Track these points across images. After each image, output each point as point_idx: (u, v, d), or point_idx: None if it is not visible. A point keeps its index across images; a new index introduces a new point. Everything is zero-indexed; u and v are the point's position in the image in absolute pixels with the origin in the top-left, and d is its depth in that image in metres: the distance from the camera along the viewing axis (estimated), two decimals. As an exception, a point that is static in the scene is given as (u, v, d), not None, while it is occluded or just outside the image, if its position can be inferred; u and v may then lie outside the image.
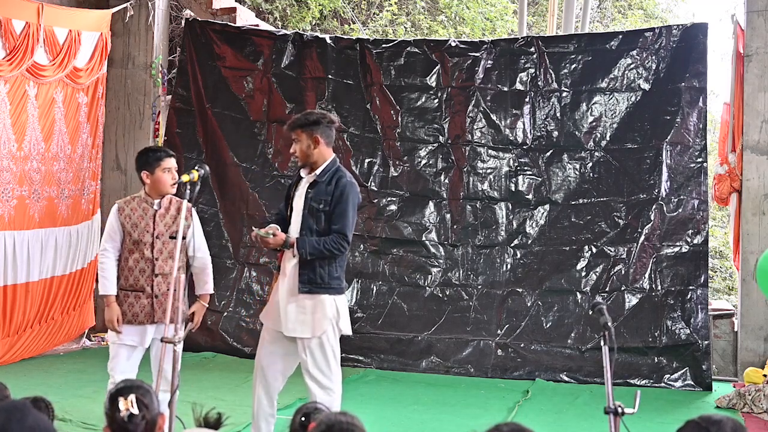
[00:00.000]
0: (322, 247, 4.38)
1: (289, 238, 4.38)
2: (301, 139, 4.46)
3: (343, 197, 4.43)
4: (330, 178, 4.46)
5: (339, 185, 4.44)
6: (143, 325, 4.51)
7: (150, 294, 4.52)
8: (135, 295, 4.52)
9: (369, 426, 5.68)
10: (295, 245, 4.36)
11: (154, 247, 4.53)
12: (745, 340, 7.39)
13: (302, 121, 4.49)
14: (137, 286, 4.52)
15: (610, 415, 2.67)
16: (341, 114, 8.23)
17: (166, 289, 4.49)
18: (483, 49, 8.06)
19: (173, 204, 4.63)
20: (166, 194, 4.59)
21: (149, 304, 4.52)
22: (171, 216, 4.59)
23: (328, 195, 4.42)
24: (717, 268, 12.96)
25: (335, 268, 4.48)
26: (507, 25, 15.94)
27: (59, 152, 7.72)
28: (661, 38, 7.69)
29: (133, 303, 4.52)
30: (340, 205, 4.43)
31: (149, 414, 2.48)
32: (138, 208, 4.57)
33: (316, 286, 4.41)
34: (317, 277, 4.40)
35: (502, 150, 7.97)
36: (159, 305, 4.51)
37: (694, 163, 7.52)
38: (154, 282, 4.52)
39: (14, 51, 6.98)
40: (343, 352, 7.61)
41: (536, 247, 7.77)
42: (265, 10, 13.39)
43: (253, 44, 8.43)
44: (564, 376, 7.31)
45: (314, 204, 4.42)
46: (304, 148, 4.45)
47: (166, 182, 4.54)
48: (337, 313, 4.45)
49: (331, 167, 4.50)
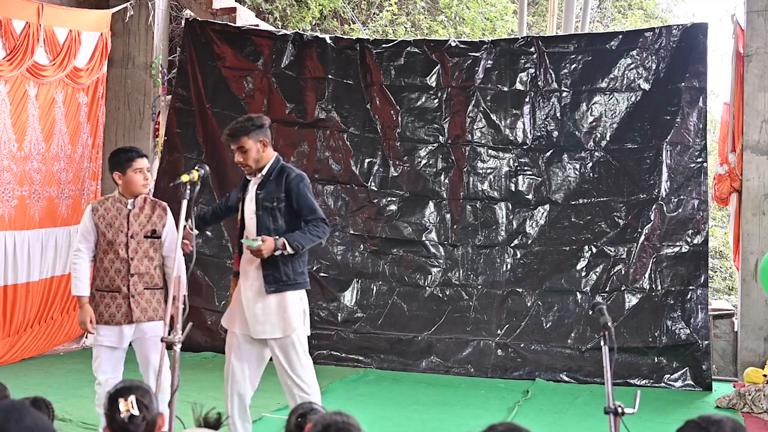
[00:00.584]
0: (309, 236, 4.40)
1: (278, 240, 4.33)
2: (248, 146, 4.39)
3: (300, 189, 4.42)
4: (277, 175, 4.45)
5: (289, 179, 4.42)
6: (120, 326, 4.48)
7: (126, 294, 4.49)
8: (111, 295, 4.50)
9: (369, 426, 5.70)
10: (287, 243, 4.33)
11: (128, 247, 4.50)
12: (745, 340, 7.39)
13: (247, 127, 4.41)
14: (113, 287, 4.49)
15: (610, 415, 2.67)
16: (341, 114, 8.24)
17: (143, 289, 4.50)
18: (483, 49, 8.06)
19: (148, 203, 4.63)
20: (138, 194, 4.57)
21: (126, 304, 4.48)
22: (146, 215, 4.58)
23: (280, 192, 4.41)
24: (717, 268, 12.95)
25: (299, 263, 4.46)
26: (507, 25, 15.95)
27: (59, 152, 7.72)
28: (661, 38, 7.69)
29: (109, 303, 4.49)
30: (300, 197, 4.43)
31: (149, 415, 2.48)
32: (112, 208, 4.55)
33: (283, 284, 4.40)
34: (282, 275, 4.40)
35: (502, 150, 7.97)
36: (136, 305, 4.50)
37: (694, 163, 7.52)
38: (130, 282, 4.49)
39: (14, 51, 6.98)
40: (343, 352, 7.73)
41: (536, 247, 7.77)
42: (265, 10, 13.39)
43: (253, 44, 8.43)
44: (564, 376, 7.31)
45: (267, 203, 4.40)
46: (254, 155, 4.41)
47: (138, 182, 4.53)
48: (304, 309, 4.51)
49: (276, 165, 4.48)
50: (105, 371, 4.48)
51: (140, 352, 4.56)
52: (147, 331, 4.53)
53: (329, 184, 8.16)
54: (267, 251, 4.30)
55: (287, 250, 4.33)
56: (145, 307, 4.53)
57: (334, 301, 7.94)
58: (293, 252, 4.35)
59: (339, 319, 7.88)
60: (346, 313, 7.90)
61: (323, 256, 8.03)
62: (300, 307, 4.51)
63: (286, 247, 4.32)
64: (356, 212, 8.11)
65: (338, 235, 8.07)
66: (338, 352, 7.72)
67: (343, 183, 8.16)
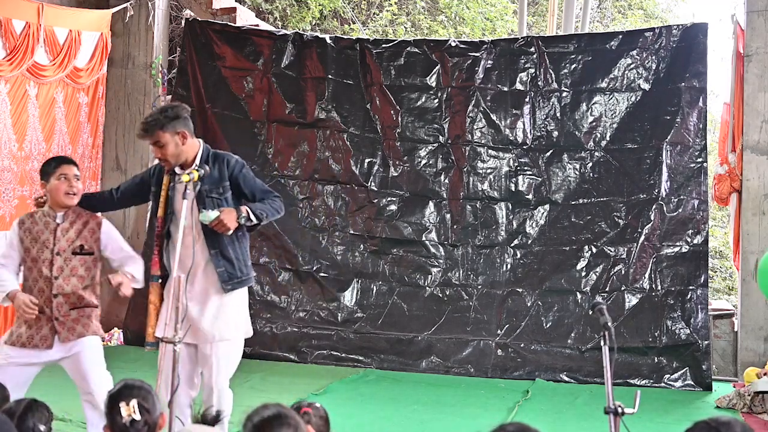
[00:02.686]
0: (269, 207, 4.07)
1: (240, 209, 3.97)
2: (165, 140, 3.96)
3: (245, 172, 4.11)
4: (213, 163, 4.06)
5: (230, 166, 4.07)
6: (37, 350, 4.00)
7: (50, 316, 4.00)
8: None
9: (369, 426, 5.72)
10: (250, 212, 3.97)
11: (53, 265, 4.02)
12: (745, 340, 7.39)
13: (161, 120, 3.98)
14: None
15: (610, 415, 2.67)
16: (341, 114, 8.24)
17: (68, 310, 4.03)
18: (483, 49, 8.06)
19: (81, 217, 4.14)
20: (65, 206, 4.08)
21: (48, 326, 4.00)
22: (76, 230, 4.10)
23: (224, 180, 4.05)
24: (717, 268, 12.95)
25: (247, 256, 4.14)
26: (507, 25, 15.94)
27: (60, 152, 7.72)
28: (661, 38, 7.69)
29: (31, 324, 4.00)
30: (247, 180, 4.11)
31: (151, 418, 2.48)
32: (39, 222, 4.08)
33: (238, 280, 4.06)
34: (237, 271, 4.05)
35: (502, 150, 7.97)
36: (62, 327, 4.01)
37: (694, 163, 7.52)
38: (53, 304, 4.00)
39: (14, 51, 6.98)
40: (343, 352, 7.73)
41: (536, 247, 7.77)
42: (265, 10, 13.39)
43: (253, 44, 8.43)
44: (564, 376, 7.31)
45: (213, 195, 4.03)
46: (172, 150, 3.97)
47: (60, 190, 4.02)
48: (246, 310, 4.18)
49: (207, 153, 4.10)
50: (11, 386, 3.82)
51: (73, 371, 4.10)
52: (74, 348, 4.05)
53: (329, 184, 8.16)
54: (231, 221, 3.91)
55: (251, 219, 3.98)
56: (73, 326, 4.04)
57: (334, 301, 7.94)
58: (257, 222, 4.00)
59: (339, 319, 7.88)
60: (346, 313, 7.90)
61: (323, 256, 8.03)
62: (245, 307, 4.17)
63: (250, 216, 3.97)
64: (356, 212, 8.11)
65: (338, 235, 8.07)
66: (338, 352, 7.72)
67: (343, 183, 8.16)
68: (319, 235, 8.10)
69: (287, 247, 8.06)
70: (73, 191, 4.06)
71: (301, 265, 8.02)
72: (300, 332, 7.83)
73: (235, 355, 4.11)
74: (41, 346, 4.00)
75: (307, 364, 7.64)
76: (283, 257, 8.06)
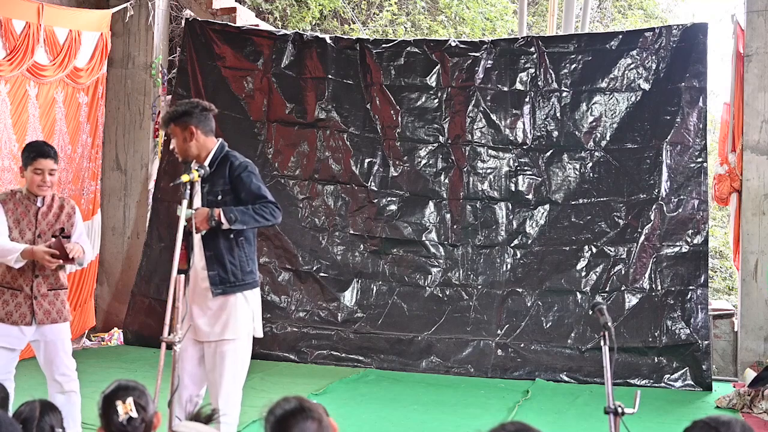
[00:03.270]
0: (252, 213, 3.99)
1: (213, 210, 3.94)
2: (175, 133, 4.11)
3: (245, 175, 4.08)
4: (220, 165, 4.09)
5: (233, 168, 4.08)
6: (17, 326, 4.19)
7: (29, 295, 4.21)
8: (11, 293, 4.21)
9: (369, 426, 5.71)
10: (222, 215, 3.92)
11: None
12: (745, 340, 7.39)
13: (172, 114, 4.13)
14: (15, 285, 4.21)
15: (610, 415, 2.67)
16: (341, 114, 8.24)
17: (46, 290, 4.25)
18: (483, 49, 8.06)
19: (56, 201, 4.36)
20: (39, 195, 4.28)
21: (27, 304, 4.21)
22: (54, 214, 4.32)
23: (225, 184, 4.07)
24: (717, 268, 12.95)
25: (246, 261, 4.08)
26: (507, 25, 15.94)
27: (60, 152, 7.68)
28: (661, 38, 7.69)
29: (8, 300, 4.20)
30: (244, 185, 4.07)
31: (147, 416, 2.48)
32: (20, 204, 4.27)
33: (230, 285, 4.03)
34: (229, 276, 4.02)
35: (502, 150, 7.97)
36: (39, 307, 4.22)
37: (694, 163, 7.52)
38: (33, 282, 4.22)
39: (15, 51, 6.98)
40: (343, 352, 7.73)
41: (536, 247, 7.77)
42: (265, 10, 13.39)
43: (253, 44, 8.43)
44: (564, 376, 7.31)
45: (211, 197, 4.05)
46: (181, 143, 4.10)
47: (34, 182, 4.23)
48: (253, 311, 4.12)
49: (219, 154, 4.13)
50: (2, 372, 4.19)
51: (43, 355, 4.28)
52: (48, 334, 4.26)
53: (329, 184, 8.16)
54: (201, 222, 3.92)
55: (222, 222, 3.92)
56: (48, 309, 4.25)
57: (334, 301, 7.94)
58: (228, 226, 3.93)
59: (339, 319, 7.88)
60: (346, 313, 7.90)
61: (323, 256, 8.03)
62: (248, 310, 4.10)
63: (221, 219, 3.92)
64: (356, 212, 8.11)
65: (338, 235, 8.07)
66: (338, 352, 7.72)
67: (343, 183, 8.16)
68: (319, 235, 8.10)
69: (287, 247, 8.06)
70: (46, 185, 4.27)
71: (301, 265, 8.03)
72: (300, 332, 7.83)
73: (239, 356, 4.03)
74: (20, 322, 4.20)
75: (307, 364, 7.64)
76: (283, 257, 8.06)
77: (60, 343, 4.29)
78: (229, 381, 3.98)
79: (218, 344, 4.00)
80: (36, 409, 2.63)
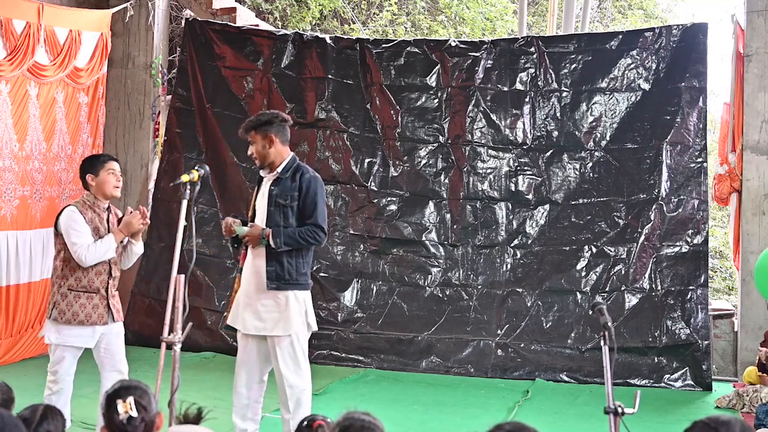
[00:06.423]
0: (297, 237, 4.43)
1: (264, 230, 4.40)
2: (255, 140, 4.52)
3: (310, 191, 4.48)
4: (293, 174, 4.50)
5: (303, 180, 4.48)
6: (94, 326, 4.47)
7: (104, 296, 4.51)
8: (87, 296, 4.46)
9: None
10: (271, 235, 4.38)
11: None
12: (745, 340, 7.40)
13: (255, 122, 4.56)
14: (91, 288, 4.46)
15: (610, 415, 2.67)
16: (341, 114, 8.24)
17: (114, 292, 4.58)
18: (483, 49, 8.06)
19: (109, 210, 4.66)
20: (112, 197, 4.60)
21: (104, 305, 4.49)
22: (112, 221, 4.62)
23: (294, 190, 4.47)
24: (717, 268, 12.96)
25: (302, 264, 4.51)
26: (507, 25, 15.95)
27: (60, 152, 7.73)
28: (661, 38, 7.69)
29: (85, 304, 4.45)
30: (309, 199, 4.48)
31: (148, 416, 2.47)
32: (88, 211, 4.51)
33: (284, 282, 4.44)
34: (285, 273, 4.43)
35: (502, 150, 7.98)
36: (113, 305, 4.55)
37: (694, 163, 7.52)
38: (109, 284, 4.54)
39: (15, 51, 6.98)
40: (343, 352, 7.73)
41: (536, 247, 7.77)
42: (265, 10, 13.39)
43: (253, 44, 8.43)
44: (564, 376, 7.31)
45: (280, 200, 4.46)
46: (260, 149, 4.50)
47: (110, 183, 4.53)
48: (306, 309, 4.53)
49: (292, 164, 4.54)
50: (69, 374, 4.46)
51: (104, 348, 4.56)
52: (114, 329, 4.59)
53: (329, 184, 8.15)
54: (253, 240, 4.41)
55: (271, 242, 4.38)
56: (119, 307, 4.63)
57: (334, 301, 7.94)
58: (274, 246, 4.38)
59: (339, 319, 7.88)
60: (346, 313, 7.90)
61: (323, 256, 8.03)
62: (302, 307, 4.51)
63: (270, 239, 4.38)
64: (356, 212, 8.11)
65: (338, 235, 8.07)
66: (338, 352, 7.72)
67: (343, 183, 8.16)
68: (319, 235, 8.09)
69: (287, 247, 8.05)
70: (119, 185, 4.58)
71: (301, 265, 8.02)
72: (300, 332, 7.82)
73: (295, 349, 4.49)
74: (99, 322, 4.46)
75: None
76: (284, 257, 8.06)
77: (122, 336, 4.67)
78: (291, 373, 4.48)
79: (274, 339, 4.44)
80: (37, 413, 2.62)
